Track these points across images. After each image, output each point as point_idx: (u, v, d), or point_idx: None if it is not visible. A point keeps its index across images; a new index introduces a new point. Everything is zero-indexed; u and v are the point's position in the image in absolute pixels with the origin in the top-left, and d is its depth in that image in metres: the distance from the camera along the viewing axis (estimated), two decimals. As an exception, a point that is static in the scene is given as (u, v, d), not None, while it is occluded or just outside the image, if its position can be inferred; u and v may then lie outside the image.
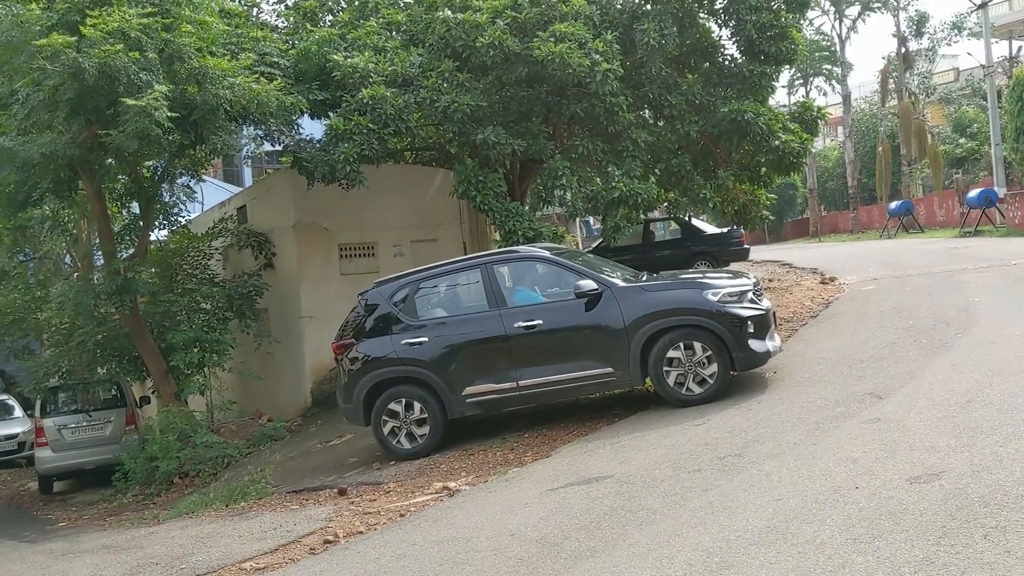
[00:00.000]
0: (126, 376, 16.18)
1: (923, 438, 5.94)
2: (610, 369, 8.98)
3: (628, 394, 10.01)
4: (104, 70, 10.56)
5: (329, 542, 6.69)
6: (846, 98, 48.10)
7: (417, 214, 17.41)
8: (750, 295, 9.09)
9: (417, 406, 9.32)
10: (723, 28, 16.28)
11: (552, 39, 12.74)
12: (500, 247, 13.94)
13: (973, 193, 29.75)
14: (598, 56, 13.00)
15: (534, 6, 13.27)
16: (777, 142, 15.27)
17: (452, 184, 14.32)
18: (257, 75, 12.30)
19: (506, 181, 14.76)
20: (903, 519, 4.52)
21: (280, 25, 16.73)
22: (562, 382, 9.12)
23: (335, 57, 13.23)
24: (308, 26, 15.18)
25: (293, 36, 15.02)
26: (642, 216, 17.21)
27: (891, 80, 44.19)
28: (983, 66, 35.07)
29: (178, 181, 15.55)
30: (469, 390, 9.21)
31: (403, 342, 9.33)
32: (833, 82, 50.79)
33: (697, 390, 8.74)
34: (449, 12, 13.52)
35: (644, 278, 9.80)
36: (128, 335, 14.35)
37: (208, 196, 20.10)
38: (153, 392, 15.43)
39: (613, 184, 13.64)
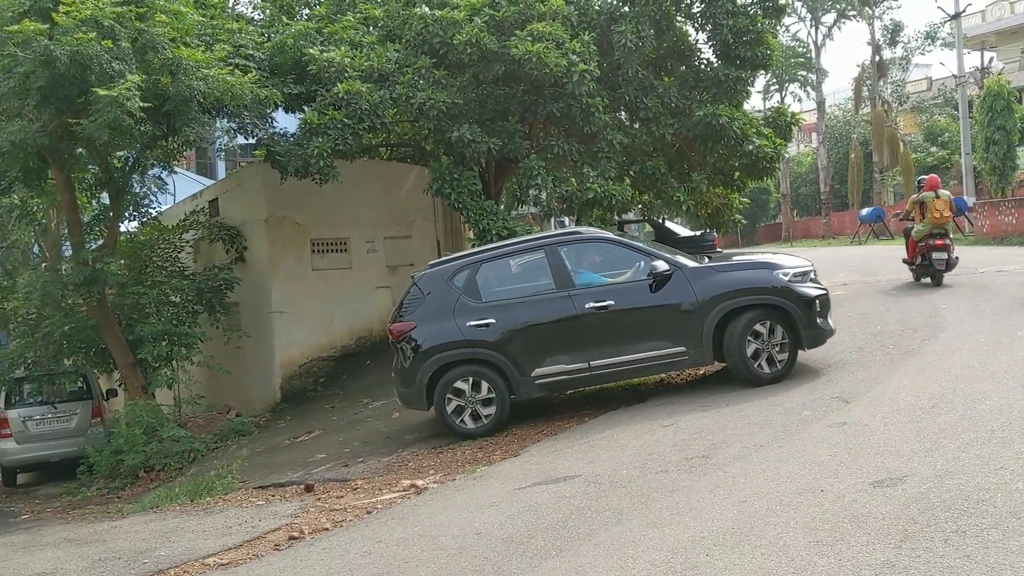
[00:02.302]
0: (93, 368, 16.02)
1: (887, 442, 6.00)
2: (683, 348, 8.99)
3: (598, 394, 10.04)
4: (76, 58, 10.44)
5: (294, 538, 6.65)
6: (820, 104, 48.53)
7: (391, 211, 17.36)
8: (812, 275, 9.31)
9: (484, 386, 9.15)
10: (700, 32, 16.38)
11: (530, 38, 12.76)
12: (474, 245, 13.94)
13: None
14: (575, 57, 13.03)
15: (512, 5, 13.29)
16: (751, 147, 15.37)
17: (427, 181, 14.31)
18: (232, 67, 12.21)
19: (481, 179, 14.76)
20: (866, 522, 4.56)
21: (256, 17, 16.64)
22: (634, 362, 9.10)
23: (311, 51, 13.16)
24: (284, 19, 15.09)
25: (269, 29, 14.92)
26: (616, 217, 17.26)
27: (865, 88, 44.65)
28: (955, 76, 35.48)
29: (149, 172, 15.41)
30: (538, 371, 9.09)
31: (469, 324, 9.12)
32: (808, 88, 51.27)
33: (768, 369, 8.86)
34: (427, 8, 13.51)
35: (707, 260, 9.83)
36: (95, 327, 14.20)
37: (180, 188, 19.96)
38: (120, 385, 15.28)
39: (588, 185, 13.69)
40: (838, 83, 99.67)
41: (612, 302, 9.03)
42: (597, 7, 15.24)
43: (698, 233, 21.41)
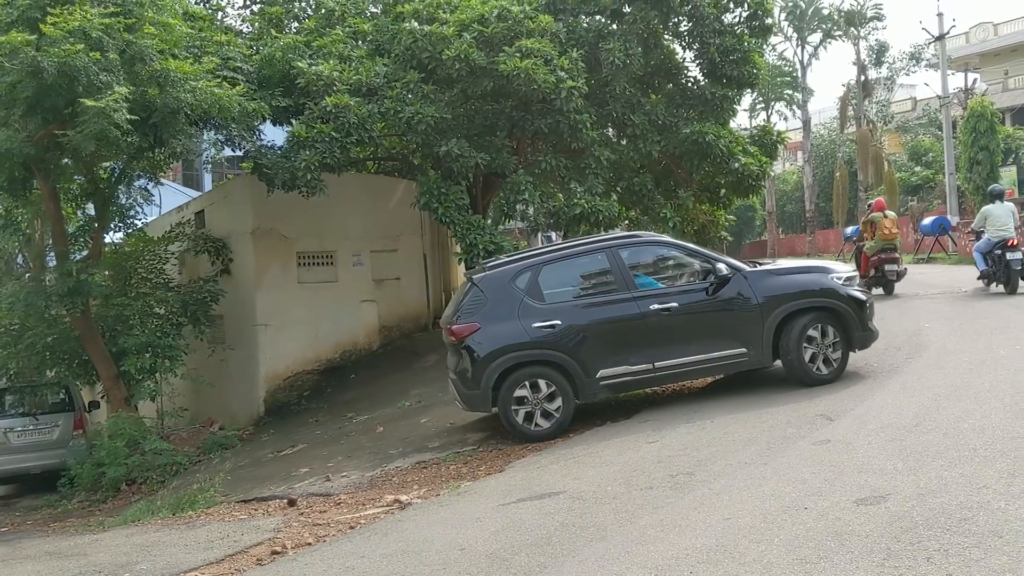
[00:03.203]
0: (76, 380, 15.88)
1: (871, 460, 6.02)
2: (743, 349, 9.20)
3: (581, 409, 10.03)
4: (64, 69, 10.42)
5: (277, 553, 6.60)
6: (806, 123, 48.86)
7: (378, 224, 17.36)
8: (857, 279, 9.70)
9: (548, 388, 9.08)
10: (687, 50, 16.52)
11: (518, 54, 12.81)
12: (461, 260, 13.97)
13: (927, 221, 30.30)
14: (563, 73, 13.10)
15: (501, 21, 13.34)
16: (737, 164, 15.48)
17: (414, 195, 14.32)
18: (220, 79, 12.21)
19: (468, 194, 14.78)
20: (849, 540, 4.57)
21: (245, 30, 16.67)
22: (698, 363, 9.26)
23: (299, 64, 13.18)
24: (273, 32, 15.12)
25: (258, 42, 14.94)
26: (603, 233, 17.32)
27: (850, 107, 44.97)
28: (939, 97, 35.80)
29: (135, 184, 15.34)
30: (604, 372, 9.10)
31: (535, 325, 9.07)
32: (794, 107, 51.59)
33: (825, 370, 9.13)
34: (416, 23, 13.55)
35: (760, 265, 10.13)
36: (79, 338, 14.10)
37: (166, 200, 19.91)
38: (103, 397, 15.17)
39: (575, 200, 13.74)
40: (824, 102, 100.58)
41: (675, 304, 9.19)
42: (585, 25, 15.34)
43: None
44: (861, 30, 44.66)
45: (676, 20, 15.99)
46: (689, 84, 16.68)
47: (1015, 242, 14.51)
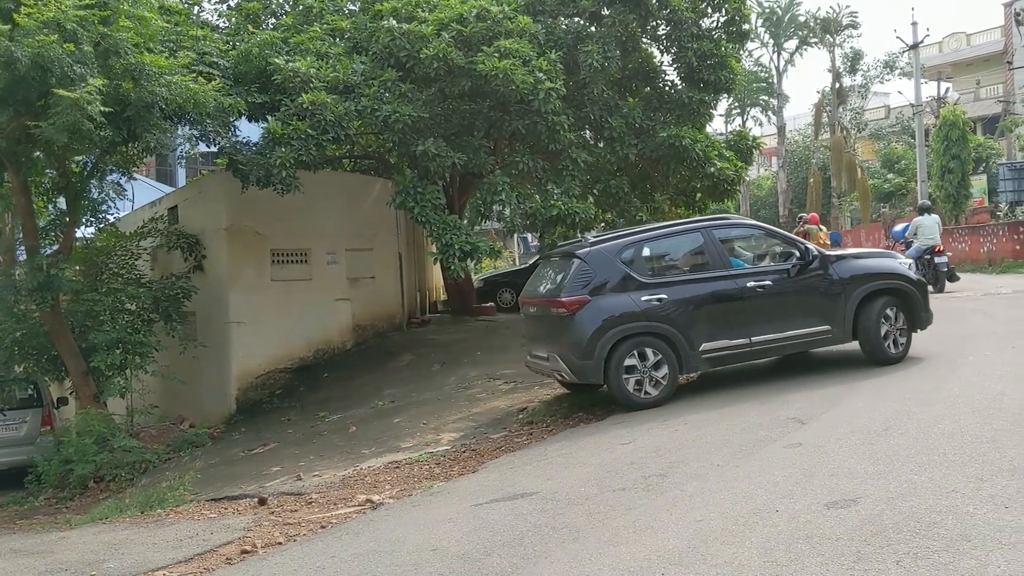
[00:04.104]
0: (44, 375, 15.65)
1: (842, 464, 6.06)
2: (828, 327, 9.78)
3: (556, 411, 10.04)
4: (37, 60, 10.27)
5: (247, 552, 6.55)
6: (781, 129, 49.24)
7: (353, 222, 17.28)
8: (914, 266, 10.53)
9: (656, 357, 9.36)
10: (665, 54, 16.59)
11: (497, 55, 12.80)
12: (436, 260, 13.94)
13: (899, 227, 30.58)
14: (542, 74, 13.10)
15: (480, 21, 13.32)
16: (713, 168, 15.57)
17: (390, 194, 14.27)
18: (195, 74, 12.10)
19: (445, 194, 14.76)
20: (820, 543, 4.60)
21: (221, 25, 16.53)
22: (789, 338, 9.75)
23: (276, 60, 13.09)
24: (250, 28, 15.00)
25: (234, 37, 14.82)
26: (579, 235, 17.35)
27: (825, 114, 45.35)
28: (912, 105, 36.22)
29: (108, 178, 15.16)
30: (706, 346, 9.47)
31: (642, 298, 9.38)
32: (769, 113, 51.98)
33: (895, 350, 9.84)
34: (394, 22, 13.51)
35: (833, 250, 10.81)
36: (48, 333, 13.91)
37: (139, 195, 19.68)
38: (72, 393, 14.97)
39: (552, 202, 13.74)
40: (798, 108, 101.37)
41: (769, 282, 9.67)
42: (564, 26, 15.36)
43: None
44: (836, 37, 45.07)
45: (654, 24, 16.05)
46: (666, 88, 16.75)
47: (941, 248, 17.89)
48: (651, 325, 9.37)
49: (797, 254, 9.87)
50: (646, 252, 9.90)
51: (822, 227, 18.61)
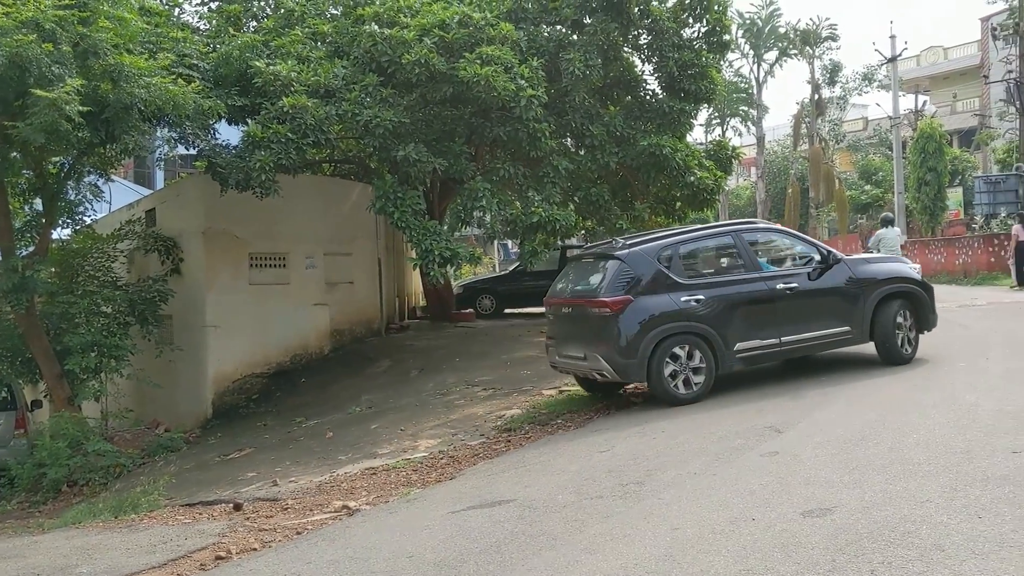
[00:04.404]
0: (18, 378, 15.46)
1: (818, 473, 6.09)
2: (848, 328, 10.23)
3: (535, 418, 10.03)
4: (15, 60, 10.17)
5: (221, 558, 6.49)
6: (760, 140, 49.59)
7: (332, 227, 17.22)
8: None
9: (694, 357, 9.62)
10: (646, 63, 16.65)
11: (479, 61, 12.81)
12: (416, 266, 13.92)
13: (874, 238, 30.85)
14: (523, 82, 13.12)
15: (462, 27, 13.34)
16: (692, 178, 15.64)
17: (370, 199, 14.22)
18: (175, 76, 12.02)
19: (425, 199, 14.74)
20: (795, 552, 4.61)
21: (202, 27, 16.44)
22: (814, 339, 10.15)
23: (257, 63, 13.04)
24: (231, 30, 14.94)
25: (215, 39, 14.74)
26: (559, 242, 17.39)
27: (803, 125, 45.73)
28: (890, 117, 36.57)
29: (85, 179, 15.03)
30: (740, 345, 9.76)
31: (682, 299, 9.65)
32: (748, 123, 52.37)
33: (907, 351, 10.40)
34: (376, 27, 13.49)
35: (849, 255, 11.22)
36: (22, 335, 13.76)
37: (116, 197, 19.50)
38: (46, 396, 14.81)
39: (532, 209, 13.75)
40: (778, 119, 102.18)
41: (796, 284, 10.07)
42: (546, 34, 15.40)
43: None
44: (816, 49, 45.49)
45: (636, 33, 16.12)
46: (647, 97, 16.82)
47: None
48: (690, 325, 9.65)
49: (819, 257, 10.31)
50: (682, 253, 10.16)
51: None
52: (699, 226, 11.39)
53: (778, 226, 11.53)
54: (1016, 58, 31.96)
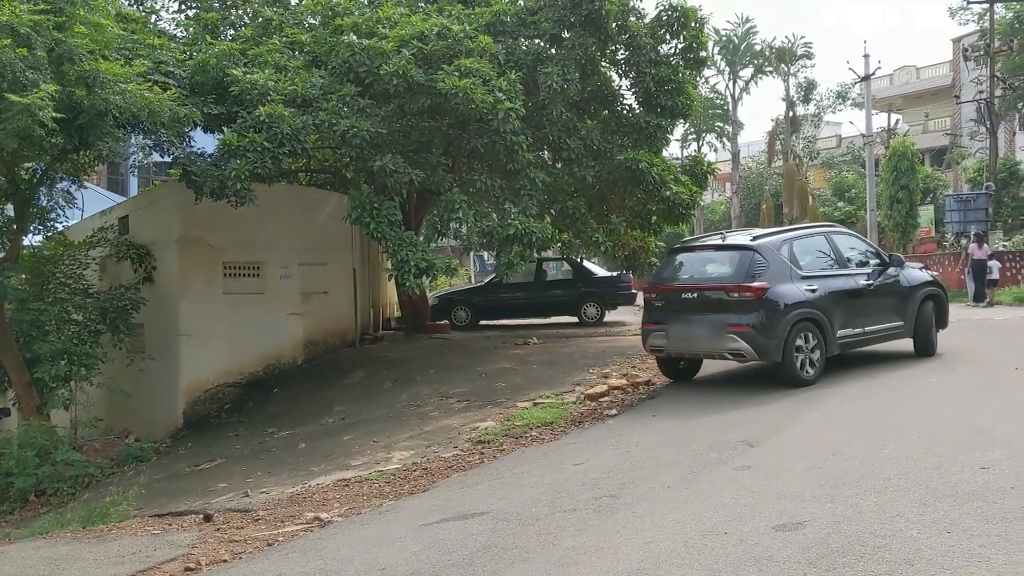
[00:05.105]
0: (-14, 386, 15.29)
1: (790, 487, 6.13)
2: (902, 323, 11.91)
3: (509, 430, 10.02)
4: (-12, 64, 10.07)
5: (190, 570, 6.42)
6: (735, 155, 49.98)
7: (307, 237, 17.14)
8: None
9: (814, 341, 10.67)
10: (623, 78, 16.72)
11: (457, 73, 12.82)
12: (391, 276, 13.88)
13: None
14: (501, 94, 13.14)
15: (441, 39, 13.35)
16: (668, 192, 15.71)
17: (346, 209, 14.18)
18: (151, 83, 11.94)
19: (402, 210, 14.70)
20: (767, 566, 4.64)
21: (179, 35, 16.34)
22: (880, 331, 11.67)
23: (234, 72, 12.98)
24: (208, 38, 14.85)
25: (192, 47, 14.66)
26: (535, 255, 17.40)
27: (778, 142, 46.13)
28: (863, 135, 36.97)
29: (58, 186, 14.89)
30: (840, 332, 11.02)
31: (804, 288, 10.77)
32: (724, 139, 52.78)
33: (936, 346, 12.30)
34: (354, 37, 13.48)
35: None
36: (-9, 343, 13.59)
37: (89, 203, 19.33)
38: (14, 404, 14.61)
39: (509, 221, 13.75)
40: (753, 135, 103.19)
41: (872, 282, 11.56)
42: (525, 48, 15.43)
43: (614, 274, 21.74)
44: (791, 67, 45.95)
45: (613, 48, 16.20)
46: (624, 111, 16.90)
47: None
48: (812, 312, 10.70)
49: (878, 261, 11.95)
50: (796, 249, 11.21)
51: None
52: (799, 226, 13.17)
53: (850, 231, 13.13)
54: (986, 79, 32.49)
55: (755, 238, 11.17)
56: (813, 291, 10.76)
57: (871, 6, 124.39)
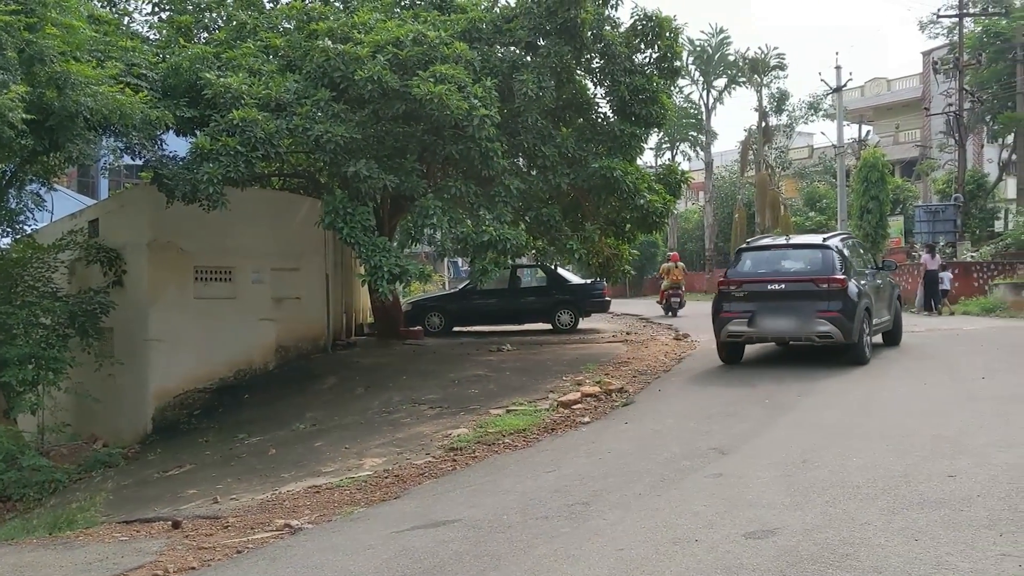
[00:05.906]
0: (-50, 390, 15.05)
1: (761, 495, 6.16)
2: (889, 318, 14.44)
3: (482, 437, 10.00)
4: (-44, 65, 9.95)
5: (159, 577, 6.35)
6: (708, 165, 50.29)
7: (280, 241, 17.03)
8: None
9: (869, 326, 12.78)
10: (598, 87, 16.80)
11: (432, 79, 12.81)
12: (365, 282, 13.83)
13: None
14: (477, 101, 13.14)
15: (416, 45, 13.33)
16: (642, 201, 15.77)
17: (319, 214, 14.09)
18: (123, 85, 11.84)
19: (375, 215, 14.65)
20: (738, 573, 4.66)
21: (152, 37, 16.20)
22: (883, 323, 14.04)
23: (207, 75, 12.89)
24: (182, 41, 14.74)
25: (165, 50, 14.54)
26: (510, 261, 17.39)
27: (751, 152, 46.46)
28: (835, 146, 37.34)
29: (27, 188, 14.72)
30: (875, 321, 13.25)
31: (861, 281, 13.02)
32: (698, 148, 53.09)
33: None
34: (329, 42, 13.43)
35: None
36: (-44, 346, 13.38)
37: (59, 206, 19.14)
38: (-21, 409, 14.41)
39: (483, 227, 13.74)
40: (726, 145, 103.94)
41: (879, 281, 14.10)
42: (500, 55, 15.46)
43: (588, 281, 21.78)
44: (764, 78, 46.31)
45: (589, 57, 16.26)
46: (599, 120, 16.96)
47: None
48: (868, 302, 12.80)
49: (874, 264, 14.76)
50: (848, 251, 13.36)
51: (679, 264, 27.80)
52: (841, 232, 17.32)
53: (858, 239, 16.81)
54: (956, 92, 32.93)
55: (826, 239, 13.43)
56: (864, 284, 12.90)
57: (845, 16, 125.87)
